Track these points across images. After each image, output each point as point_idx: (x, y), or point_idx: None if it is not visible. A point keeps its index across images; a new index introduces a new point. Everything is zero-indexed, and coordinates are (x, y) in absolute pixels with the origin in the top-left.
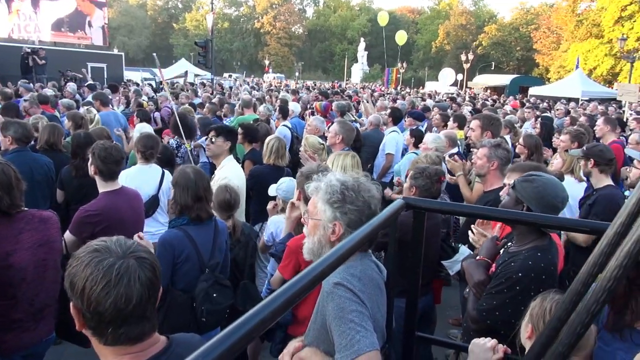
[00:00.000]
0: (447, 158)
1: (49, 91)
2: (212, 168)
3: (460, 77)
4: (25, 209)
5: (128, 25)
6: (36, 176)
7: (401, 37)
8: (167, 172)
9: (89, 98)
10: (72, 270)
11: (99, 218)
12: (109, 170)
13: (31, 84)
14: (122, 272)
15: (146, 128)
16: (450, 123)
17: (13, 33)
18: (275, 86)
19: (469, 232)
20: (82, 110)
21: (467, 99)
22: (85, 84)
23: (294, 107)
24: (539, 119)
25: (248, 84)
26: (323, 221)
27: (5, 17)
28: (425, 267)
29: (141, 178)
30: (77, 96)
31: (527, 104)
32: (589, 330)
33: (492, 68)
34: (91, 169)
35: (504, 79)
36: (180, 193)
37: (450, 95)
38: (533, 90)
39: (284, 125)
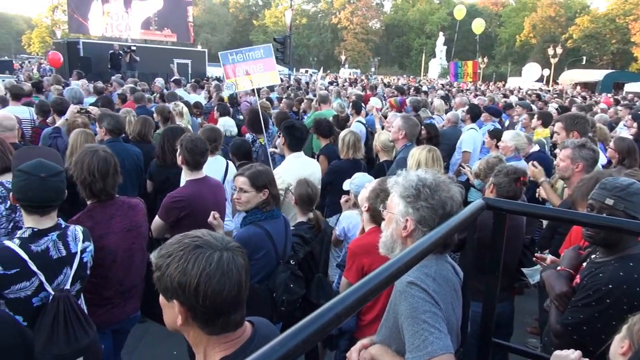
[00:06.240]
0: (529, 164)
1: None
2: None
3: (546, 72)
4: (117, 196)
5: (211, 22)
6: (127, 166)
7: (478, 26)
8: (230, 163)
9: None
10: (174, 272)
11: (183, 204)
12: (194, 160)
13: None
14: (230, 263)
15: (229, 122)
16: (534, 121)
17: (106, 32)
18: (349, 80)
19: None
20: (170, 105)
21: (554, 95)
22: (172, 79)
23: (375, 102)
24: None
25: (332, 82)
26: (396, 215)
27: (100, 17)
28: (503, 272)
29: (206, 170)
30: (165, 91)
31: (622, 102)
32: None
33: (583, 63)
34: (179, 159)
35: (596, 75)
36: (276, 189)
37: (534, 91)
38: (630, 87)
39: (358, 121)
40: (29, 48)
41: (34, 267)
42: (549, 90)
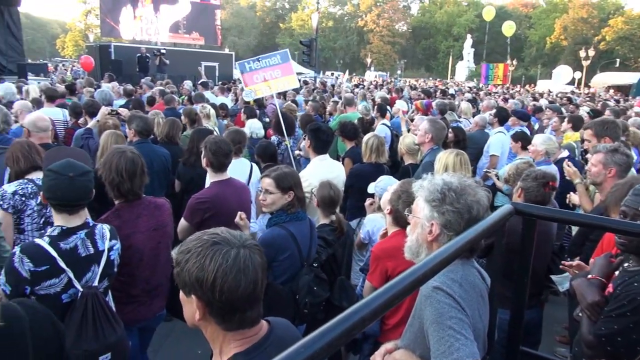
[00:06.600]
0: (564, 164)
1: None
2: None
3: (577, 75)
4: (144, 195)
5: (239, 26)
6: (155, 166)
7: (508, 29)
8: (254, 165)
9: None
10: (192, 267)
11: (208, 205)
12: (218, 162)
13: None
14: (247, 260)
15: (255, 124)
16: (564, 124)
17: (137, 36)
18: (374, 83)
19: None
20: (197, 107)
21: (586, 99)
22: (199, 82)
23: (401, 104)
24: None
25: (358, 84)
26: (421, 219)
27: (131, 21)
28: (532, 278)
29: (231, 172)
30: (192, 93)
31: None
32: None
33: (617, 65)
34: (203, 161)
35: (630, 77)
36: (301, 191)
37: (565, 95)
38: None
39: (383, 124)
40: (63, 51)
41: (62, 265)
42: (580, 94)
